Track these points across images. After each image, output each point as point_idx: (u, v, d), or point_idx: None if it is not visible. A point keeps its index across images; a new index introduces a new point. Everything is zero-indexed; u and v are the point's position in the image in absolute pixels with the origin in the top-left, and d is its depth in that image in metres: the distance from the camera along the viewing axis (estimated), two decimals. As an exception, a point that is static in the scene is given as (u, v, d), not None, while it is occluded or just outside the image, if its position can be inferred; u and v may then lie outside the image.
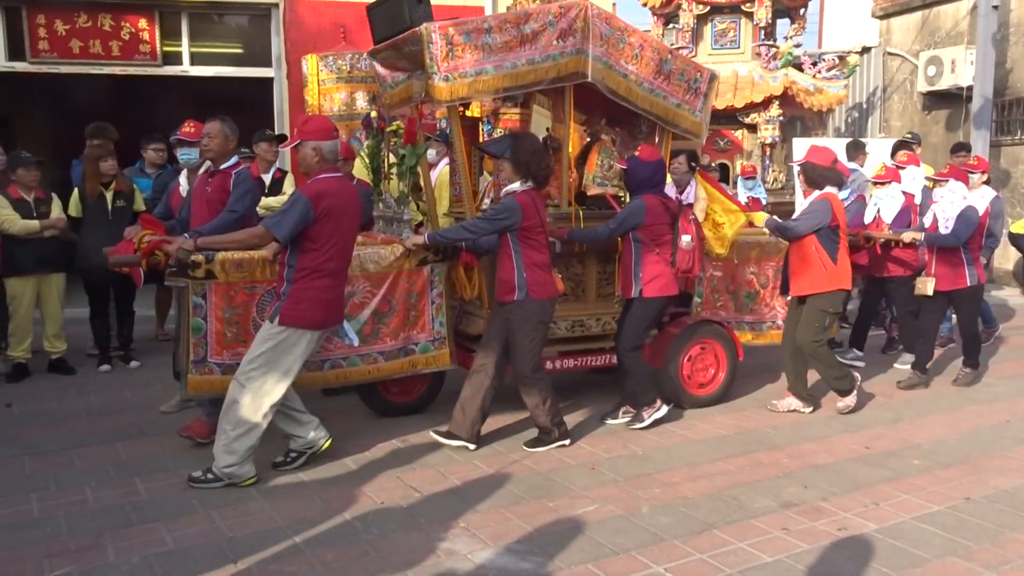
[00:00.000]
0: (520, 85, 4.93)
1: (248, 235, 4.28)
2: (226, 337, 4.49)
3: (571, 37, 4.90)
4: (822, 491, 4.15)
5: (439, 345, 5.07)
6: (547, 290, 4.60)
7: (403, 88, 5.26)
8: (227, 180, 4.74)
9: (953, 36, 12.86)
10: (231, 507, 3.89)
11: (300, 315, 4.09)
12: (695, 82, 5.44)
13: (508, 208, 4.51)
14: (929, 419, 5.40)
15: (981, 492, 4.15)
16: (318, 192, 4.09)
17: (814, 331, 5.31)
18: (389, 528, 3.68)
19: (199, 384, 4.48)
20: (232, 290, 4.46)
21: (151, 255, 4.31)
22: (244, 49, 9.63)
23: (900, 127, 13.38)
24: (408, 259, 4.90)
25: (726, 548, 3.51)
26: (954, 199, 5.91)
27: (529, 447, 4.73)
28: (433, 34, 4.61)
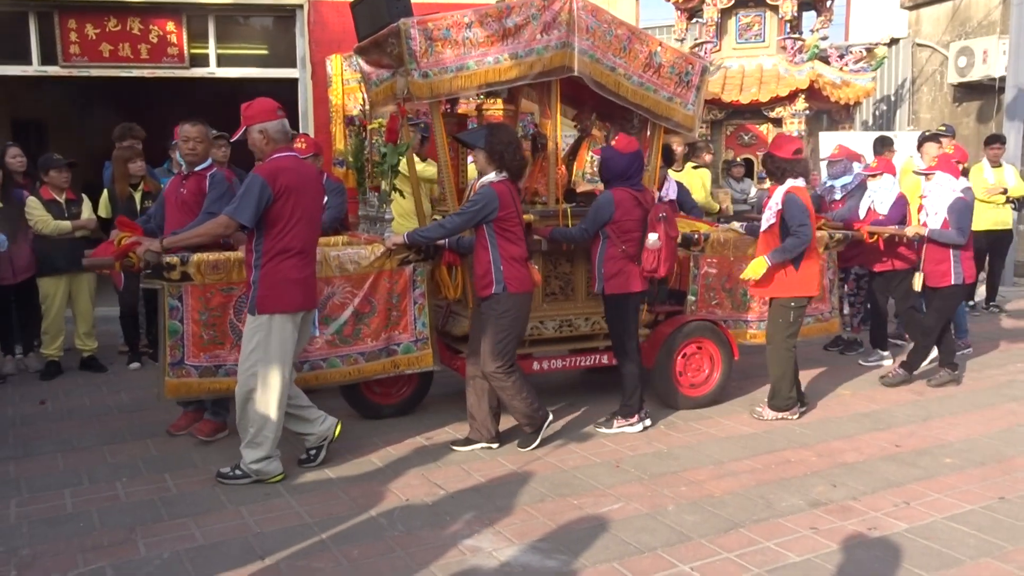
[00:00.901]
0: (503, 80, 4.81)
1: (212, 226, 4.18)
2: (203, 339, 4.47)
3: (556, 30, 4.80)
4: (851, 490, 4.10)
5: (422, 346, 5.01)
6: (525, 284, 4.50)
7: (387, 86, 5.18)
8: (202, 182, 4.73)
9: (985, 26, 12.65)
10: (259, 503, 3.92)
11: (277, 299, 4.04)
12: (686, 74, 5.31)
13: (485, 196, 4.41)
14: (961, 417, 5.31)
15: (1016, 491, 4.08)
16: (272, 170, 4.02)
17: (780, 328, 5.17)
18: (415, 525, 3.69)
19: (176, 387, 4.47)
20: (208, 292, 4.44)
21: (124, 257, 4.29)
22: (269, 50, 9.70)
23: (929, 119, 13.18)
24: (390, 259, 4.84)
25: (753, 547, 3.48)
26: (942, 192, 5.80)
27: (525, 447, 4.66)
28: (411, 29, 4.54)
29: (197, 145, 4.78)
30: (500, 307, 4.45)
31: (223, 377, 4.51)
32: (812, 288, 5.20)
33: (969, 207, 5.84)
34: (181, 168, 4.91)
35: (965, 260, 5.85)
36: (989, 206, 8.25)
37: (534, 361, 5.27)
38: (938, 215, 5.81)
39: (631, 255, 4.83)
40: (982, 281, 8.78)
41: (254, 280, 4.07)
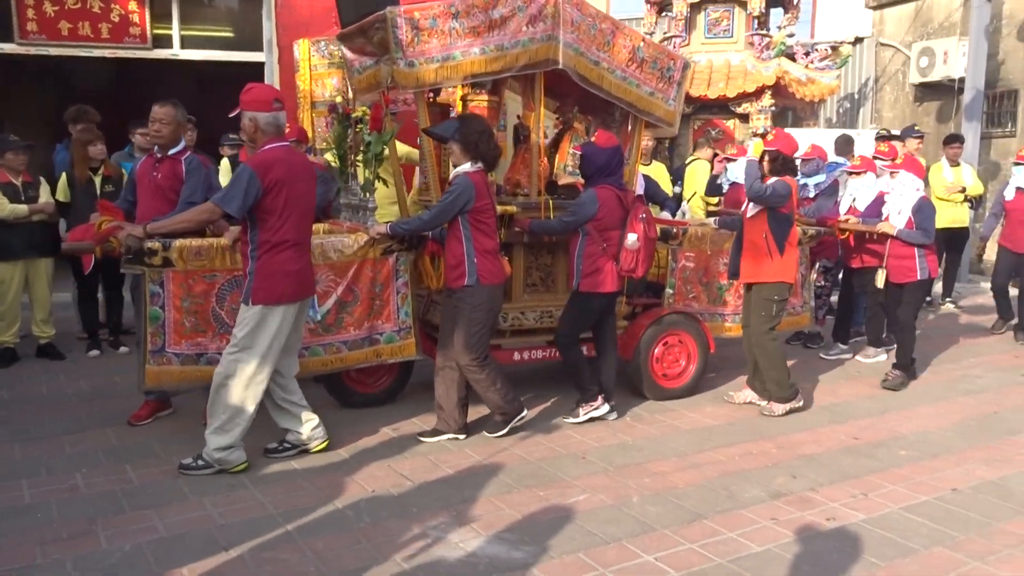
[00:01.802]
0: (489, 72, 4.83)
1: (197, 212, 4.17)
2: (184, 327, 4.42)
3: (541, 23, 4.82)
4: (811, 481, 4.19)
5: (404, 335, 5.02)
6: (497, 276, 4.54)
7: (370, 74, 5.18)
8: (177, 167, 4.66)
9: (946, 27, 12.88)
10: (222, 494, 3.89)
11: (270, 291, 4.03)
12: (668, 70, 5.37)
13: (461, 185, 4.42)
14: (916, 410, 5.45)
15: (968, 483, 4.20)
16: (263, 162, 4.00)
17: (763, 320, 5.26)
18: (381, 516, 3.69)
19: (157, 375, 4.42)
20: (191, 279, 4.39)
21: (105, 242, 4.25)
22: (235, 33, 9.54)
23: (892, 118, 13.42)
24: (373, 248, 4.84)
25: (716, 538, 3.54)
26: (906, 191, 5.89)
27: (493, 433, 4.71)
28: (398, 18, 4.53)
29: (163, 127, 4.67)
30: (474, 300, 4.47)
31: (204, 365, 4.45)
32: (791, 275, 5.28)
33: (932, 207, 5.98)
34: (153, 150, 4.80)
35: (929, 255, 5.99)
36: (947, 204, 8.45)
37: (515, 352, 5.29)
38: (901, 214, 5.92)
39: (611, 254, 4.85)
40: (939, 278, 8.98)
41: (250, 271, 4.05)
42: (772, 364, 5.28)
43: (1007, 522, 3.74)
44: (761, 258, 5.18)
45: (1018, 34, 11.99)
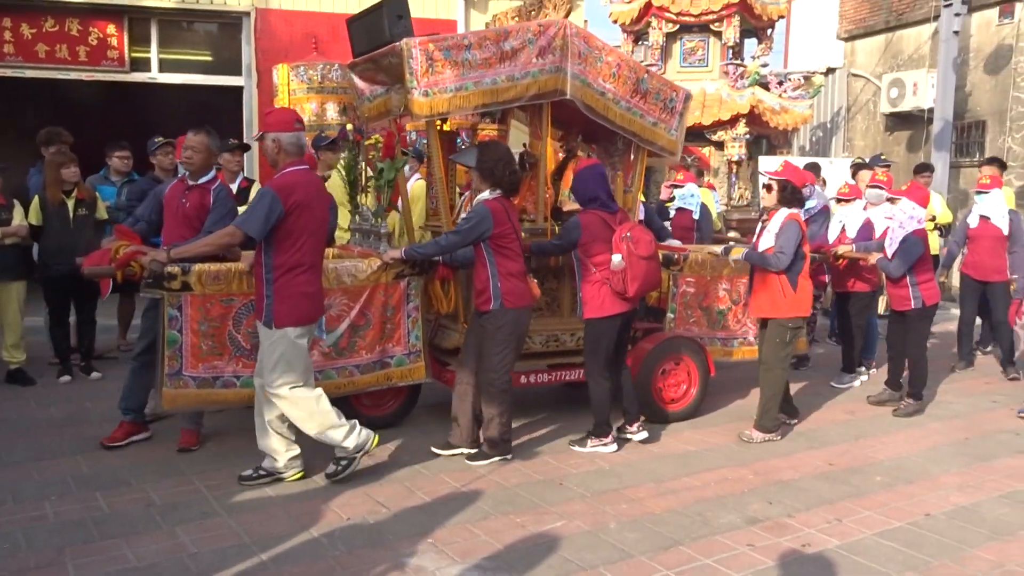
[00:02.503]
0: (500, 101, 4.96)
1: (219, 236, 4.23)
2: (201, 350, 4.47)
3: (550, 55, 4.95)
4: (787, 507, 4.20)
5: (415, 358, 5.07)
6: (523, 299, 4.60)
7: (381, 102, 5.32)
8: (206, 196, 4.73)
9: (915, 59, 13.18)
10: (195, 522, 3.83)
11: (290, 313, 4.08)
12: (671, 101, 5.52)
13: (479, 214, 4.50)
14: (891, 436, 5.49)
15: (941, 508, 4.23)
16: (285, 185, 4.05)
17: (776, 347, 5.31)
18: (356, 544, 3.65)
19: (174, 398, 4.46)
20: (208, 302, 4.44)
21: (126, 266, 4.29)
22: (214, 57, 9.55)
23: (863, 147, 13.67)
24: (385, 272, 4.91)
25: (692, 564, 3.54)
26: (905, 220, 5.86)
27: (472, 460, 4.70)
28: (413, 49, 4.64)
29: (195, 155, 4.73)
30: (497, 321, 4.55)
31: (220, 388, 4.51)
32: (807, 308, 5.34)
33: (920, 243, 5.85)
34: (184, 176, 4.87)
35: (924, 284, 5.93)
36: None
37: (521, 375, 5.34)
38: (894, 243, 5.90)
39: (605, 277, 4.83)
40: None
41: (268, 294, 4.09)
42: (771, 391, 5.32)
43: (979, 548, 3.77)
44: (775, 295, 5.24)
45: (985, 67, 12.30)
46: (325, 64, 8.39)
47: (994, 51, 12.14)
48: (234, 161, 6.58)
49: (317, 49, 8.91)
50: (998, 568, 3.57)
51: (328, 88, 8.36)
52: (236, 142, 6.66)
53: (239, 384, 4.56)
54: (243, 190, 6.62)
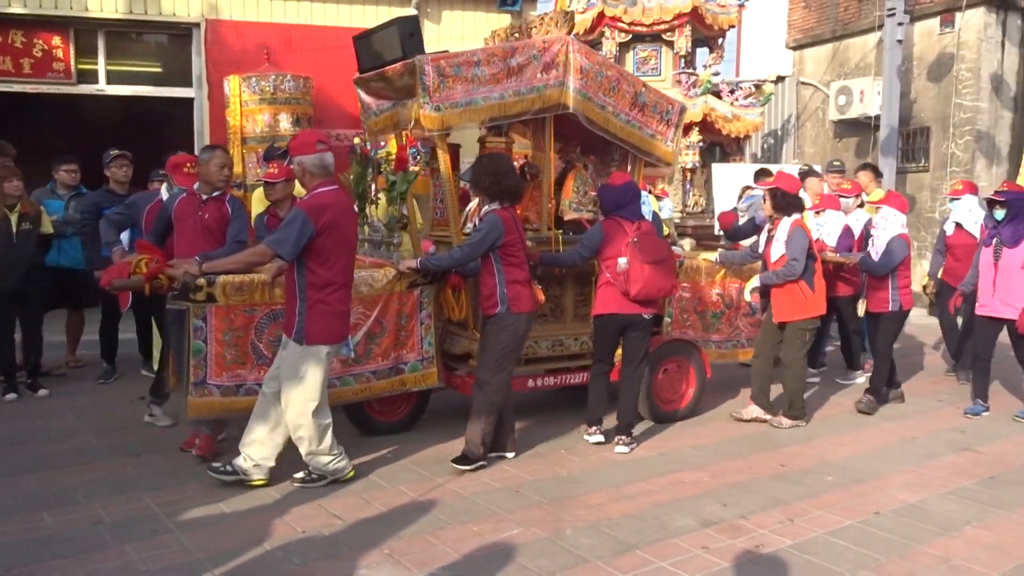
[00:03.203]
0: (508, 115, 5.13)
1: (250, 255, 4.36)
2: (225, 359, 4.61)
3: (554, 70, 5.15)
4: (741, 509, 4.26)
5: (427, 364, 5.24)
6: (527, 304, 4.77)
7: (388, 116, 5.50)
8: (223, 207, 4.91)
9: (861, 68, 13.50)
10: (145, 540, 3.76)
11: (322, 331, 4.22)
12: (667, 113, 5.75)
13: (490, 224, 4.67)
14: (842, 437, 5.60)
15: (890, 506, 4.32)
16: (315, 206, 4.16)
17: (796, 347, 5.70)
18: (311, 557, 3.61)
19: (199, 406, 4.60)
20: (232, 313, 4.59)
21: (155, 279, 4.38)
22: (164, 68, 9.42)
23: (812, 154, 13.94)
24: (399, 282, 5.06)
25: (648, 568, 3.57)
26: (888, 225, 6.15)
27: (456, 463, 4.73)
28: (426, 66, 4.81)
29: (229, 171, 5.03)
30: (502, 323, 4.72)
31: (243, 396, 4.62)
32: (824, 306, 5.74)
33: (903, 246, 6.11)
34: (194, 189, 5.01)
35: (903, 289, 6.20)
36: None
37: (528, 379, 5.48)
38: (879, 248, 6.17)
39: (613, 278, 5.09)
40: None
41: (300, 311, 4.20)
42: (795, 384, 5.74)
43: (926, 544, 3.86)
44: (796, 299, 5.59)
45: (928, 75, 12.65)
46: (277, 75, 8.32)
47: (936, 59, 12.49)
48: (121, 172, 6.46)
49: (269, 60, 8.84)
50: (944, 563, 3.66)
51: (281, 99, 8.29)
52: None
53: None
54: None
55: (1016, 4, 12.17)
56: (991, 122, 12.23)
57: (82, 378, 6.93)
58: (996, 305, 5.94)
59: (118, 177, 6.83)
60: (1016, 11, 12.28)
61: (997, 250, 5.94)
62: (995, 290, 5.92)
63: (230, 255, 4.54)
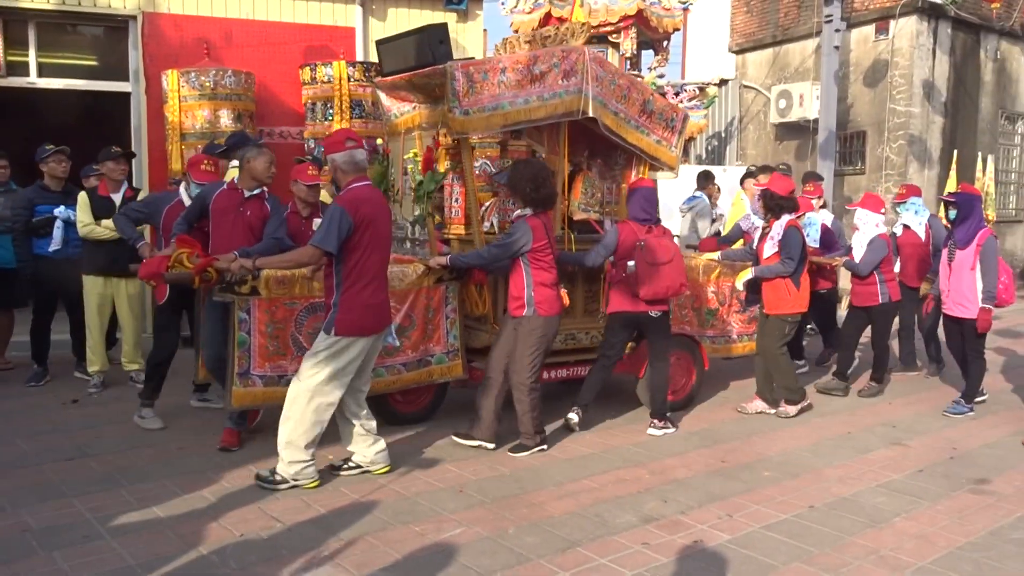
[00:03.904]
0: (531, 119, 5.37)
1: (299, 255, 4.44)
2: (268, 350, 4.82)
3: (573, 77, 5.41)
4: (680, 505, 4.32)
5: (453, 356, 5.51)
6: (553, 307, 5.02)
7: (408, 118, 5.82)
8: (263, 205, 5.06)
9: (801, 72, 13.81)
10: (75, 547, 3.65)
11: (352, 324, 4.31)
12: (672, 121, 6.06)
13: (520, 230, 4.92)
14: (779, 432, 5.72)
15: (823, 500, 4.43)
16: (352, 200, 4.28)
17: (776, 339, 6.01)
18: (249, 561, 3.55)
19: (242, 396, 4.78)
20: (274, 306, 4.81)
21: (204, 272, 4.54)
22: (99, 62, 9.12)
23: (755, 155, 14.21)
24: (427, 277, 5.32)
25: (589, 565, 3.60)
26: (866, 227, 6.59)
27: (515, 452, 5.06)
28: (457, 72, 5.03)
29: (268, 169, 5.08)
30: (530, 326, 4.97)
31: (285, 386, 4.67)
32: (806, 305, 6.04)
33: (883, 243, 6.55)
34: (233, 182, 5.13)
35: (890, 282, 6.66)
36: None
37: (543, 371, 5.54)
38: (862, 247, 6.60)
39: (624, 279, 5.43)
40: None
41: (335, 303, 4.32)
42: (783, 374, 6.07)
43: (858, 535, 3.97)
44: (780, 293, 5.93)
45: (864, 80, 13.01)
46: (218, 70, 8.15)
47: (872, 65, 12.85)
48: (119, 170, 6.34)
49: (209, 55, 8.64)
50: (873, 554, 3.76)
51: (221, 95, 8.11)
52: (120, 150, 6.41)
53: None
54: (127, 200, 6.37)
55: (946, 13, 12.59)
56: (923, 126, 12.63)
57: (11, 381, 6.71)
58: (951, 304, 6.18)
59: (56, 173, 6.66)
60: (946, 20, 12.71)
61: (951, 252, 6.18)
62: (950, 289, 6.16)
63: (267, 251, 4.70)
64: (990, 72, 13.73)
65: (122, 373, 6.67)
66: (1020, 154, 14.73)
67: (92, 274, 6.36)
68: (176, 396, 6.35)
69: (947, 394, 6.81)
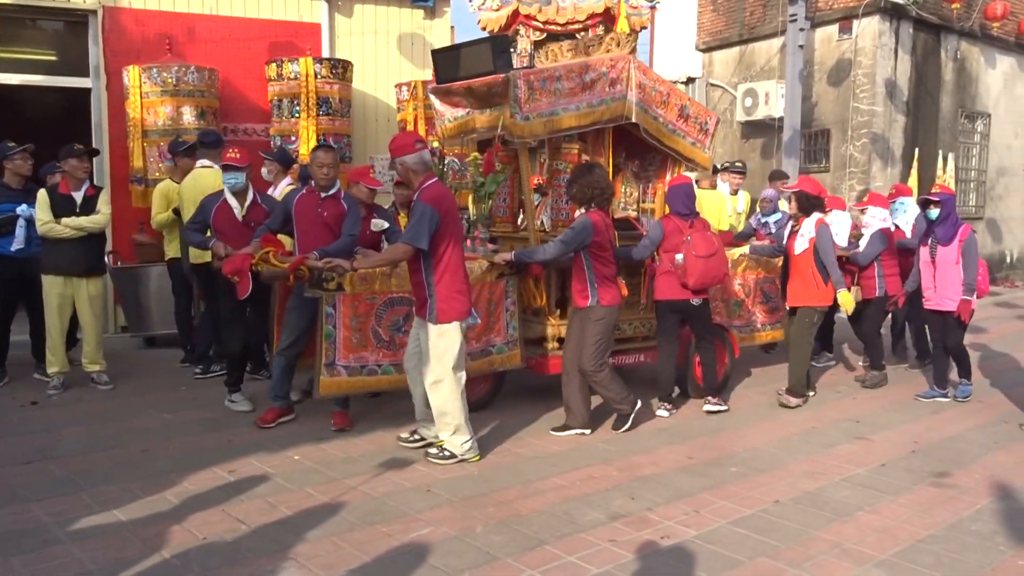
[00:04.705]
0: (583, 124, 5.76)
1: (393, 253, 4.78)
2: (352, 342, 5.13)
3: (618, 85, 5.81)
4: (648, 501, 4.34)
5: (512, 347, 5.84)
6: (615, 298, 5.36)
7: (461, 123, 6.18)
8: (339, 205, 5.38)
9: (766, 71, 13.94)
10: (33, 552, 3.58)
11: (452, 310, 4.67)
12: (705, 124, 6.47)
13: (582, 226, 5.21)
14: (746, 428, 5.78)
15: (789, 495, 4.48)
16: (434, 196, 4.61)
17: (805, 328, 6.34)
18: (212, 564, 3.50)
19: (329, 385, 5.11)
20: (357, 301, 5.13)
21: (297, 270, 4.93)
22: (59, 57, 8.95)
23: (722, 153, 14.31)
24: (490, 272, 5.62)
25: (557, 563, 3.60)
26: (873, 223, 7.02)
27: (616, 429, 5.50)
28: (519, 80, 5.40)
29: (331, 171, 5.36)
30: (594, 316, 5.30)
31: (366, 376, 5.22)
32: (831, 299, 6.33)
33: (883, 238, 6.98)
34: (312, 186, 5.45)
35: (889, 276, 7.07)
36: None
37: None
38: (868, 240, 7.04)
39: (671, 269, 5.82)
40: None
41: (430, 295, 4.66)
42: (799, 363, 6.38)
43: (822, 529, 4.01)
44: (808, 287, 6.25)
45: (828, 79, 13.16)
46: (180, 66, 8.03)
47: (835, 64, 13.01)
48: (81, 168, 6.22)
49: (172, 50, 8.52)
50: (837, 548, 3.81)
51: (184, 91, 8.00)
52: (83, 147, 6.29)
53: (380, 372, 5.28)
54: (89, 198, 6.25)
55: (908, 13, 12.79)
56: (886, 125, 12.82)
57: (-32, 383, 6.56)
58: (938, 299, 6.41)
59: (22, 171, 6.56)
60: (908, 20, 12.91)
61: (933, 249, 6.39)
62: (936, 285, 6.39)
63: (344, 249, 5.09)
64: (950, 72, 13.98)
65: (83, 374, 6.55)
66: (979, 152, 15.02)
67: (52, 274, 6.23)
68: (136, 398, 6.26)
69: (911, 390, 6.92)
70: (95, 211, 6.21)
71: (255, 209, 5.77)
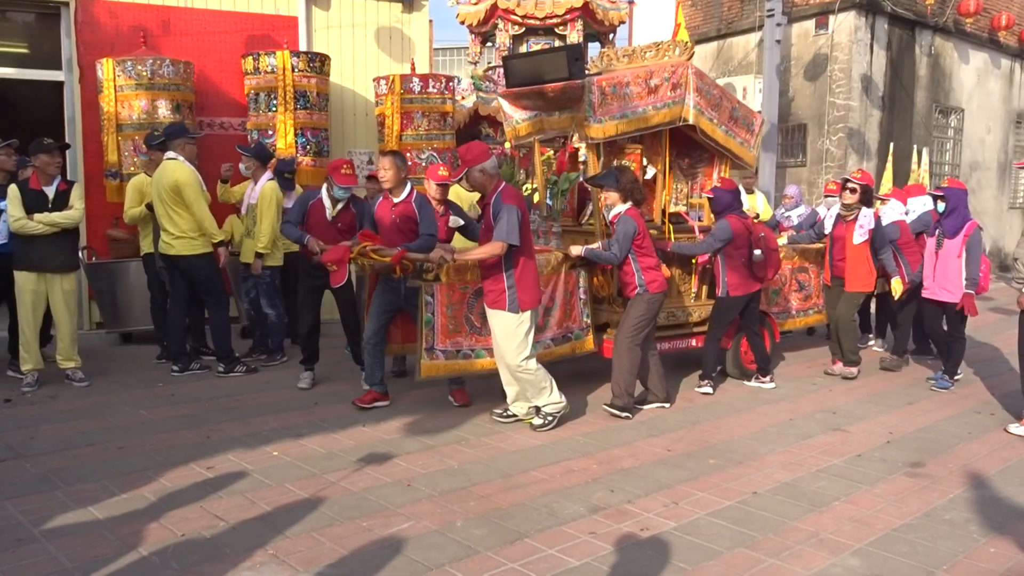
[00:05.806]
0: (648, 126, 6.20)
1: (491, 249, 5.10)
2: (448, 328, 5.55)
3: (678, 89, 6.25)
4: (627, 494, 4.36)
5: (585, 332, 6.26)
6: (660, 285, 5.77)
7: (528, 124, 6.56)
8: (410, 208, 5.69)
9: (744, 65, 14.02)
10: (8, 552, 3.53)
11: (527, 298, 5.20)
12: (752, 125, 6.93)
13: (628, 222, 5.65)
14: (723, 420, 5.82)
15: (766, 486, 4.52)
16: (514, 195, 5.15)
17: (852, 307, 7.08)
18: (191, 561, 3.48)
19: (429, 368, 5.50)
20: (451, 290, 5.55)
21: (401, 262, 5.26)
22: (31, 50, 8.82)
23: (700, 148, 14.38)
24: (565, 263, 6.04)
25: (537, 555, 3.61)
26: (891, 215, 7.44)
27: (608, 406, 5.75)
28: (592, 86, 5.82)
29: (386, 173, 5.65)
30: (640, 300, 5.74)
31: (461, 359, 5.64)
32: (873, 284, 7.04)
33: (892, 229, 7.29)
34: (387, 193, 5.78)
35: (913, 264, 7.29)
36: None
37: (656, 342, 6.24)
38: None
39: (745, 265, 6.32)
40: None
41: (510, 285, 5.15)
42: (850, 339, 7.05)
43: (799, 520, 4.06)
44: (864, 274, 6.91)
45: (805, 74, 13.26)
46: (155, 59, 7.94)
47: (812, 59, 13.11)
48: (53, 163, 6.14)
49: (146, 43, 8.41)
50: (814, 537, 3.85)
51: (159, 84, 7.90)
52: (53, 142, 6.21)
53: (473, 356, 5.68)
54: (61, 193, 6.18)
55: (883, 9, 12.91)
56: (861, 120, 12.94)
57: (-61, 381, 6.47)
58: (936, 289, 6.67)
59: (6, 166, 6.50)
60: (883, 15, 13.03)
61: (939, 241, 6.64)
62: (935, 276, 6.66)
63: (424, 247, 5.40)
64: (925, 67, 14.13)
65: (58, 372, 6.48)
66: (953, 147, 15.20)
67: (24, 270, 6.15)
68: (113, 395, 6.21)
69: (886, 381, 7.01)
70: (68, 206, 6.13)
71: (345, 212, 6.18)
